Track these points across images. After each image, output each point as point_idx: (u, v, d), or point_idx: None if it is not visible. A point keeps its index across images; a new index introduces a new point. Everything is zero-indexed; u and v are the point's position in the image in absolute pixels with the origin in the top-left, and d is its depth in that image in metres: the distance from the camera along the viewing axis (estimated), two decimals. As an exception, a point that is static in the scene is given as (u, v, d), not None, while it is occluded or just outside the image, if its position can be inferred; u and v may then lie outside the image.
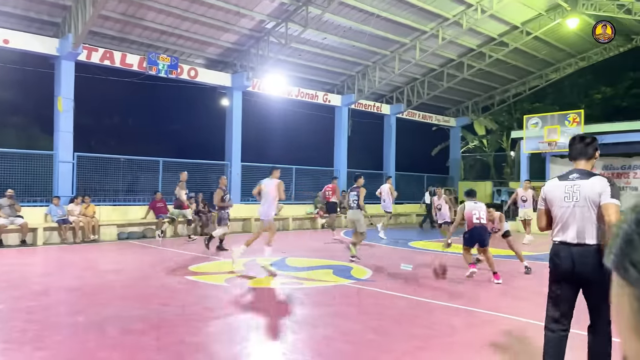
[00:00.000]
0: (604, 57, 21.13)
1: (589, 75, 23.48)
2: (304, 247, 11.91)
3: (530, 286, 7.65)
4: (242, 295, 6.42)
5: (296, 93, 18.14)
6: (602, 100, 23.51)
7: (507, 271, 8.94)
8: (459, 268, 9.05)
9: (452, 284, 7.52)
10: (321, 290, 6.90)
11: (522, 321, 5.40)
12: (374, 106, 20.95)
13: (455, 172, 25.03)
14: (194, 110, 28.83)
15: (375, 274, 8.13)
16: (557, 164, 18.42)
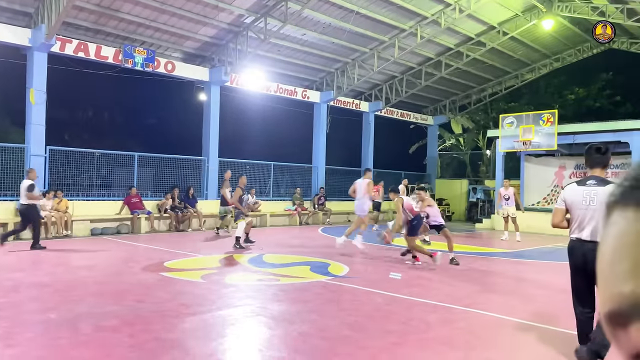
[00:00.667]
0: (577, 58, 21.60)
1: (563, 76, 23.99)
2: (281, 244, 11.90)
3: (505, 283, 7.80)
4: (218, 292, 6.38)
5: (275, 89, 18.07)
6: (575, 100, 24.04)
7: (484, 269, 9.10)
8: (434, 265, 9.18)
9: (428, 280, 7.62)
10: (298, 286, 6.91)
11: (495, 317, 5.51)
12: (353, 103, 21.01)
13: (432, 169, 25.31)
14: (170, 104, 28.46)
15: (353, 271, 8.18)
16: (531, 162, 18.78)
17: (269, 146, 27.15)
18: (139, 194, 14.14)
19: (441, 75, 20.10)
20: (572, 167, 18.07)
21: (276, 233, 15.39)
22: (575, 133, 16.05)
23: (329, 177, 19.94)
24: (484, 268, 9.07)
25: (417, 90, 21.34)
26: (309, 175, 19.38)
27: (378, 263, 9.04)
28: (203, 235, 13.48)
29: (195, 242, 11.96)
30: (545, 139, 15.85)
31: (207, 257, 9.44)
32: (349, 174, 21.18)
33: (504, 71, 22.33)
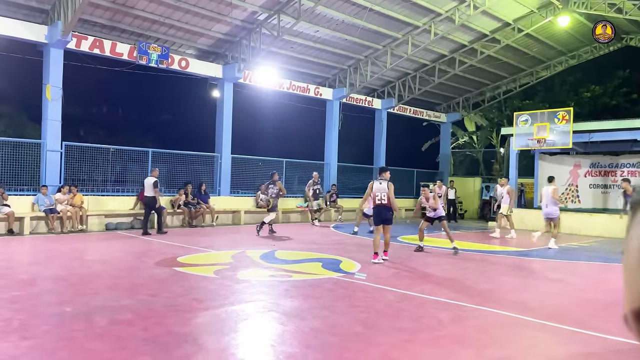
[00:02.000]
0: (594, 55, 21.29)
1: (578, 73, 23.67)
2: (293, 240, 11.92)
3: (518, 282, 7.73)
4: (231, 287, 6.41)
5: (287, 86, 18.08)
6: (591, 98, 23.73)
7: (496, 267, 9.04)
8: (444, 259, 9.13)
9: (440, 277, 7.58)
10: (310, 283, 6.92)
11: (508, 315, 5.47)
12: (366, 100, 20.95)
13: (445, 167, 25.17)
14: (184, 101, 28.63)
15: (364, 268, 8.17)
16: (546, 160, 18.60)
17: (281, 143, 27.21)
18: (153, 189, 14.24)
19: (455, 72, 19.95)
20: (588, 165, 17.88)
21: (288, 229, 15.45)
22: (590, 131, 15.86)
23: (340, 175, 19.92)
24: (497, 266, 9.00)
25: (430, 88, 21.21)
26: (321, 172, 19.37)
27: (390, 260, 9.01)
28: (215, 231, 13.56)
29: (208, 238, 12.04)
30: (560, 137, 15.68)
31: (219, 252, 9.49)
32: (361, 171, 21.16)
33: (519, 68, 22.10)
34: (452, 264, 8.97)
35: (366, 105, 21.05)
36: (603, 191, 17.52)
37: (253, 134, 28.22)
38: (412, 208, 21.79)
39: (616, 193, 16.65)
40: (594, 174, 17.76)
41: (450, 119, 25.18)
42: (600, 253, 11.23)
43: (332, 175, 19.54)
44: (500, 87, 23.74)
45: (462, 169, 27.81)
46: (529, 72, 22.60)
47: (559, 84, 24.54)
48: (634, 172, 17.02)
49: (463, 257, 9.93)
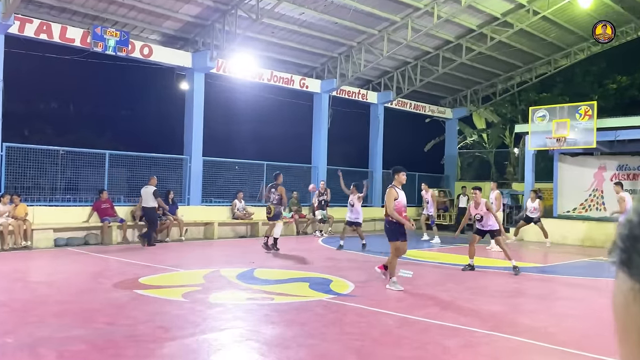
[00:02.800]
0: (619, 41, 21.51)
1: (603, 62, 23.97)
2: (275, 257, 11.91)
3: (533, 302, 7.79)
4: (203, 313, 6.37)
5: (268, 77, 18.10)
6: (617, 90, 24.05)
7: (509, 286, 9.10)
8: (453, 279, 9.17)
9: (446, 298, 7.61)
10: (295, 306, 6.91)
11: (523, 342, 5.50)
12: (359, 93, 21.04)
13: (451, 170, 25.34)
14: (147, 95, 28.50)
15: (359, 288, 8.17)
16: (566, 162, 18.78)
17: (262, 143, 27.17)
18: (111, 198, 14.15)
19: (461, 61, 20.12)
20: (614, 168, 18.07)
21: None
22: (617, 128, 16.07)
23: (331, 179, 19.95)
24: (510, 285, 9.07)
25: (433, 79, 21.37)
26: (308, 176, 19.38)
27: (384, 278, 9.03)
28: (184, 247, 13.49)
29: (176, 255, 11.96)
30: (583, 135, 15.88)
31: (189, 272, 9.44)
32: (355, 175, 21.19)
33: (534, 56, 22.35)
34: (458, 283, 9.00)
35: (360, 99, 21.14)
36: (632, 197, 17.75)
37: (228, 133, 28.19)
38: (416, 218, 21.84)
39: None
40: (622, 178, 17.96)
41: (457, 115, 25.38)
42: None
43: (320, 179, 19.53)
44: (514, 78, 23.99)
45: (470, 172, 28.01)
46: (546, 61, 22.87)
47: (580, 75, 24.84)
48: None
49: (472, 275, 10.00)
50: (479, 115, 27.67)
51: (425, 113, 24.34)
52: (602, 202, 18.08)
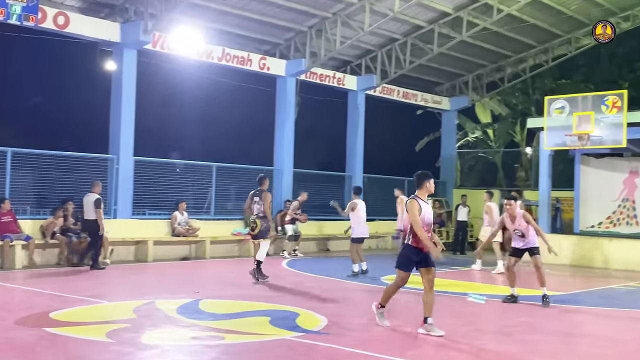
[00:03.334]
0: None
1: (634, 41, 24.48)
2: (226, 283, 11.83)
3: (553, 340, 7.88)
4: (132, 357, 6.27)
5: (219, 55, 18.00)
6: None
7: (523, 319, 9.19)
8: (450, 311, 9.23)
9: (444, 337, 7.64)
10: (252, 347, 6.85)
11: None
12: (334, 78, 21.08)
13: (448, 175, 25.51)
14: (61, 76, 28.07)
15: (333, 323, 8.15)
16: (590, 165, 19.04)
17: (211, 140, 27.01)
18: (14, 210, 13.86)
19: (461, 38, 20.31)
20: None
21: (220, 268, 15.25)
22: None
23: (298, 186, 19.91)
24: (521, 318, 9.16)
25: (427, 61, 21.53)
26: (270, 182, 19.28)
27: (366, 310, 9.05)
28: (110, 272, 13.28)
29: (98, 282, 11.74)
30: (610, 132, 16.10)
31: (115, 304, 9.31)
32: (329, 180, 21.21)
33: (552, 34, 22.68)
34: (457, 315, 9.05)
35: (335, 84, 21.17)
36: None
37: (168, 126, 27.94)
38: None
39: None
40: None
41: (456, 106, 25.61)
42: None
43: (285, 186, 19.49)
44: (526, 61, 24.30)
45: (472, 177, 28.30)
46: (565, 40, 23.22)
47: (606, 57, 25.34)
48: None
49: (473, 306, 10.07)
50: (484, 107, 27.99)
51: (417, 103, 24.51)
52: (634, 215, 18.31)
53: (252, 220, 12.17)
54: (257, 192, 12.28)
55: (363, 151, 21.98)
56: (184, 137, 27.66)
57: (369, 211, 17.69)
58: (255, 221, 12.06)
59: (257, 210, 12.10)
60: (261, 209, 12.05)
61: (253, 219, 12.14)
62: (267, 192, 12.37)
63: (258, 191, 12.28)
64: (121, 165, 15.90)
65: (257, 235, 12.09)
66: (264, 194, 12.17)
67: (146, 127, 18.26)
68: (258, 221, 12.02)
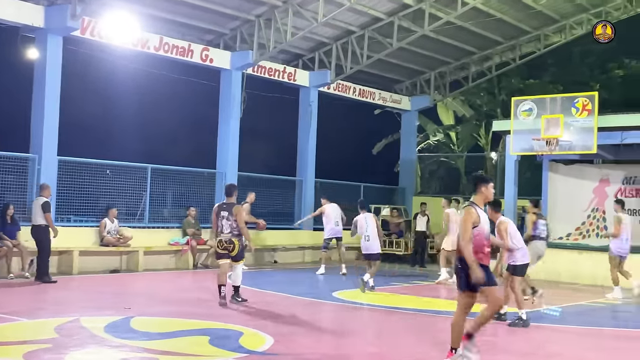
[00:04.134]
0: (628, 13, 22.58)
1: (607, 40, 25.11)
2: (162, 300, 11.69)
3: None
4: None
5: (156, 44, 17.79)
6: (624, 78, 25.16)
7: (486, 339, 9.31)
8: (412, 329, 9.29)
9: (400, 357, 7.68)
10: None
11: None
12: (284, 72, 21.04)
13: (407, 181, 25.66)
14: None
15: (279, 343, 8.12)
16: (559, 172, 19.39)
17: (147, 139, 26.67)
18: None
19: (423, 32, 20.48)
20: (620, 180, 18.72)
21: (154, 282, 15.12)
22: (624, 129, 16.70)
23: (243, 191, 19.78)
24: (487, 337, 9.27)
25: (385, 56, 21.66)
26: (211, 187, 19.16)
27: (316, 329, 9.06)
28: (30, 286, 13.04)
29: (16, 298, 11.54)
30: (580, 137, 16.39)
31: (35, 322, 9.13)
32: (277, 185, 21.15)
33: (520, 30, 23.03)
34: (419, 334, 9.12)
35: (285, 79, 21.14)
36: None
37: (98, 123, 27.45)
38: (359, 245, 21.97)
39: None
40: (629, 194, 18.66)
41: (417, 106, 25.80)
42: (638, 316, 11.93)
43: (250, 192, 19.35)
44: (492, 59, 24.63)
45: (433, 183, 28.60)
46: (534, 37, 23.60)
47: (578, 56, 25.86)
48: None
49: (433, 323, 10.17)
50: (446, 107, 28.28)
51: (375, 102, 24.63)
52: (604, 227, 18.63)
53: (227, 240, 11.15)
54: (224, 206, 11.39)
55: (315, 154, 21.97)
56: (116, 136, 27.24)
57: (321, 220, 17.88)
58: (232, 241, 11.12)
59: (228, 228, 11.15)
60: (234, 225, 11.11)
61: (228, 238, 11.15)
62: (238, 205, 11.59)
63: (225, 205, 11.41)
64: (43, 166, 15.58)
65: (236, 256, 11.23)
66: (235, 208, 11.25)
67: (73, 123, 17.94)
68: (235, 241, 11.12)
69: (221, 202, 11.90)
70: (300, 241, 20.13)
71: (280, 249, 20.18)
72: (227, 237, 11.14)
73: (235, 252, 11.16)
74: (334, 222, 17.11)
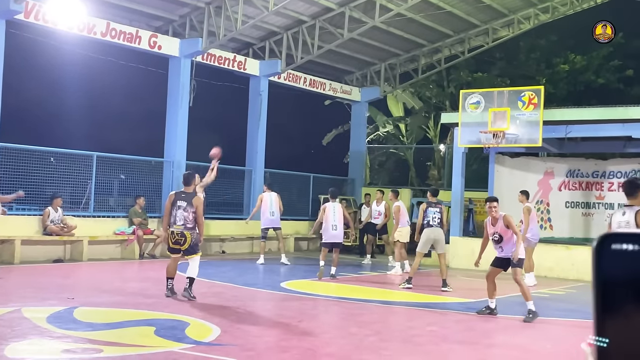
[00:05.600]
0: (574, 9, 23.05)
1: (553, 35, 25.57)
2: (107, 290, 11.58)
3: (458, 354, 8.11)
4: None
5: (103, 30, 17.50)
6: (569, 73, 25.71)
7: (425, 329, 9.41)
8: (357, 320, 9.34)
9: (346, 346, 7.72)
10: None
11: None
12: (234, 61, 20.92)
13: (357, 172, 25.80)
14: None
15: (226, 333, 8.10)
16: (505, 165, 19.75)
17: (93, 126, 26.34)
18: None
19: (374, 23, 20.58)
20: (564, 173, 19.19)
21: (99, 272, 14.97)
22: (568, 122, 17.08)
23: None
24: (429, 327, 9.39)
25: (336, 46, 21.70)
26: (159, 175, 18.98)
27: (263, 319, 9.05)
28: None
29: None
30: (526, 130, 16.68)
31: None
32: (226, 175, 21.04)
33: (469, 23, 23.32)
34: (363, 325, 9.18)
35: (236, 68, 21.02)
36: (585, 212, 18.99)
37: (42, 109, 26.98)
38: (305, 236, 22.05)
39: (602, 215, 18.13)
40: (573, 187, 19.16)
41: (367, 97, 25.94)
42: (580, 305, 12.19)
43: (177, 181, 19.15)
44: (442, 51, 24.89)
45: (382, 174, 28.82)
46: (483, 30, 23.93)
47: (525, 50, 26.33)
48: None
49: (382, 314, 10.25)
50: (396, 99, 28.50)
51: (325, 92, 24.67)
52: (547, 219, 19.11)
53: (179, 232, 10.53)
54: (183, 195, 10.75)
55: (265, 144, 21.92)
56: (61, 123, 26.79)
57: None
58: (184, 234, 10.50)
59: (182, 219, 10.52)
60: (190, 217, 10.52)
61: (180, 231, 10.52)
62: (198, 195, 11.04)
63: (184, 194, 10.77)
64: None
65: (188, 250, 10.61)
66: (195, 199, 10.68)
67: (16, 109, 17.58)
68: (187, 234, 10.50)
69: (179, 190, 11.36)
70: (249, 231, 20.01)
71: (228, 239, 20.12)
72: (179, 229, 10.54)
73: (186, 246, 10.57)
74: (269, 212, 17.29)
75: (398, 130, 29.65)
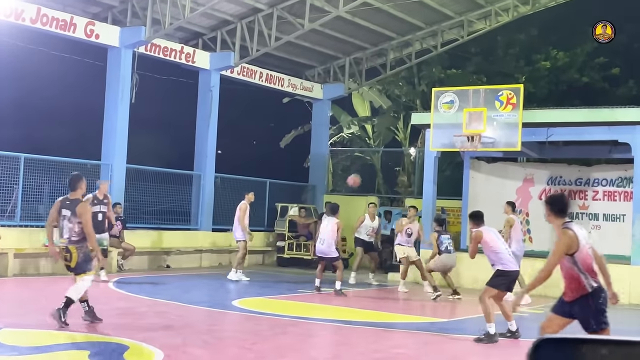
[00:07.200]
0: (557, 1, 23.34)
1: (533, 29, 25.86)
2: (34, 309, 11.44)
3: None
4: None
5: (33, 16, 17.29)
6: (551, 71, 26.03)
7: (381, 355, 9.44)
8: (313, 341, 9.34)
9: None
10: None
11: None
12: (182, 52, 20.81)
13: (318, 178, 25.75)
14: None
15: (169, 358, 8.04)
16: (481, 171, 19.86)
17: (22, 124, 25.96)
18: None
19: (338, 13, 20.59)
20: (544, 180, 19.34)
21: (26, 288, 14.83)
22: (550, 125, 17.23)
23: (132, 186, 19.48)
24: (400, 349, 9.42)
25: (296, 38, 21.69)
26: (94, 179, 18.76)
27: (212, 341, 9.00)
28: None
29: None
30: (504, 133, 16.78)
31: None
32: (172, 180, 20.92)
33: (442, 14, 23.45)
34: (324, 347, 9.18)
35: (183, 61, 20.91)
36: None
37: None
38: (260, 249, 21.95)
39: (586, 227, 18.30)
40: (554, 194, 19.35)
41: (330, 95, 25.93)
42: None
43: (116, 186, 18.97)
44: (412, 45, 24.98)
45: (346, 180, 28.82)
46: (457, 23, 24.10)
47: (503, 45, 26.58)
48: (612, 192, 18.79)
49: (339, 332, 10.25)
50: (362, 98, 28.55)
51: (284, 89, 24.64)
52: (527, 230, 19.22)
53: (64, 248, 9.74)
54: (67, 203, 9.81)
55: (216, 146, 21.81)
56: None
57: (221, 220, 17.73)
58: (69, 249, 9.65)
59: (67, 232, 9.70)
60: (75, 229, 9.63)
61: (65, 246, 9.73)
62: (84, 202, 10.16)
63: (69, 202, 9.81)
64: None
65: (75, 268, 9.77)
66: (79, 206, 9.71)
67: None
68: (73, 248, 9.63)
69: (64, 196, 10.12)
70: (197, 243, 19.91)
71: (174, 251, 19.90)
72: (63, 243, 9.76)
73: (73, 264, 9.74)
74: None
75: (364, 131, 29.69)
